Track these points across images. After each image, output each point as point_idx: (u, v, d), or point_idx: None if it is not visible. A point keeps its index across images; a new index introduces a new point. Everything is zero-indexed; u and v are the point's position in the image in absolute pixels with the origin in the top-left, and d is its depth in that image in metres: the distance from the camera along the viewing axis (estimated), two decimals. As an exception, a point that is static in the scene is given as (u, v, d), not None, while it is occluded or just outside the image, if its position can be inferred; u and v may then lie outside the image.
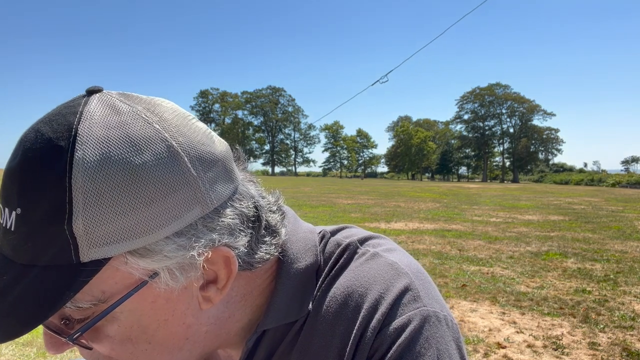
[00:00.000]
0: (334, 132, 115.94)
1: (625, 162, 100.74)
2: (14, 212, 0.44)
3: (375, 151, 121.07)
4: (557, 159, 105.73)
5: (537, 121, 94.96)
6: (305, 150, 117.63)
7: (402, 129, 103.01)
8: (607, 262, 8.35)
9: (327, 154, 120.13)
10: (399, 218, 15.12)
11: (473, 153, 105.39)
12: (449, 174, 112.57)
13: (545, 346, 4.44)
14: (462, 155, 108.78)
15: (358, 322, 0.56)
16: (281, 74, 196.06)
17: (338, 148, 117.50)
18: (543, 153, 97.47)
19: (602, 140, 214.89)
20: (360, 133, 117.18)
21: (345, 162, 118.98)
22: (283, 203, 0.64)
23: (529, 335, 4.72)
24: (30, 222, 0.43)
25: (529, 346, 4.43)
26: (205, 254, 0.49)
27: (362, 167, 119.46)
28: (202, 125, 0.53)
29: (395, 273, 0.58)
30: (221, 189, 0.50)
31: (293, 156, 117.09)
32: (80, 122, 0.44)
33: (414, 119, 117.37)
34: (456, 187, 43.42)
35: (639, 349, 4.38)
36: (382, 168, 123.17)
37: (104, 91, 0.49)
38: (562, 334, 4.76)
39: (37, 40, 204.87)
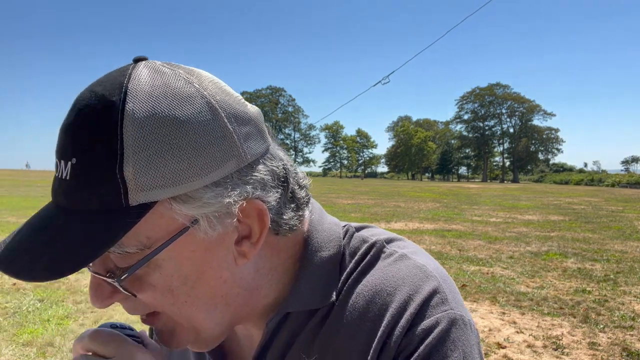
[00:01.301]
0: (334, 132, 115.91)
1: (625, 162, 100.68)
2: (69, 163, 0.48)
3: (375, 151, 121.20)
4: (557, 159, 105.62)
5: (537, 121, 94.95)
6: (305, 150, 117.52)
7: (402, 129, 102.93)
8: (607, 262, 8.35)
9: (327, 154, 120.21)
10: (399, 218, 15.12)
11: (473, 153, 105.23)
12: (449, 174, 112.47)
13: (545, 346, 4.44)
14: (462, 155, 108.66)
15: (386, 320, 0.57)
16: (281, 74, 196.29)
17: (338, 148, 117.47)
18: (543, 153, 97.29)
19: (602, 140, 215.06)
20: (360, 133, 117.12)
21: (345, 162, 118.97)
22: (309, 184, 0.66)
23: (529, 335, 4.72)
24: (84, 169, 0.47)
25: (529, 346, 4.43)
26: (241, 203, 0.52)
27: (362, 167, 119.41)
28: (235, 92, 0.57)
29: (424, 275, 0.59)
30: (254, 145, 0.55)
31: (293, 156, 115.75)
32: (130, 81, 0.49)
33: (414, 119, 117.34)
34: (456, 187, 43.43)
35: (639, 349, 4.38)
36: (382, 168, 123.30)
37: (149, 60, 0.54)
38: (562, 334, 4.76)
39: (34, 39, 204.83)
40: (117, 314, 4.85)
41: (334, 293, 0.61)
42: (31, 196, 21.45)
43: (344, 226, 0.69)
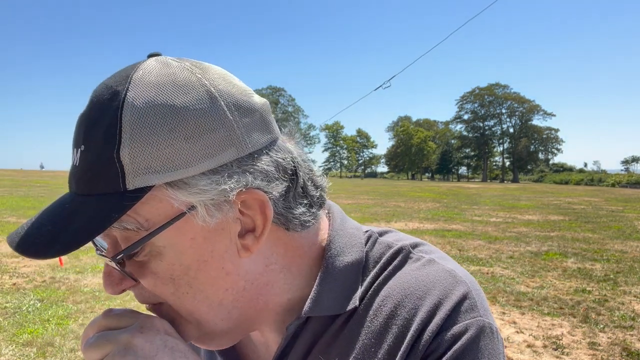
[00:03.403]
0: (334, 132, 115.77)
1: (625, 162, 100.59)
2: (79, 150, 0.52)
3: (375, 151, 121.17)
4: (557, 159, 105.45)
5: (537, 121, 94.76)
6: (305, 150, 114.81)
7: (402, 129, 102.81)
8: (607, 262, 8.35)
9: (327, 154, 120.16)
10: (399, 218, 15.13)
11: (473, 153, 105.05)
12: (449, 174, 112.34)
13: (545, 346, 4.44)
14: (462, 155, 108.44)
15: (415, 323, 0.57)
16: (282, 74, 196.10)
17: (338, 148, 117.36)
18: (543, 153, 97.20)
19: (602, 140, 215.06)
20: (360, 133, 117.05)
21: (345, 162, 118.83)
22: (328, 186, 0.66)
23: (529, 335, 4.72)
24: (89, 154, 0.50)
25: (529, 346, 4.43)
26: (238, 190, 0.52)
27: (362, 167, 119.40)
28: (243, 84, 0.59)
29: (454, 280, 0.59)
30: (257, 136, 0.55)
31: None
32: (136, 72, 0.52)
33: (414, 119, 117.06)
34: (456, 187, 43.43)
35: (639, 349, 4.38)
36: (382, 168, 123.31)
37: (162, 55, 0.57)
38: (562, 334, 4.77)
39: (46, 42, 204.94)
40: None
41: (357, 298, 0.61)
42: (31, 196, 21.45)
43: (366, 231, 0.68)
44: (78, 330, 4.75)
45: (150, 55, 0.56)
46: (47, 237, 0.50)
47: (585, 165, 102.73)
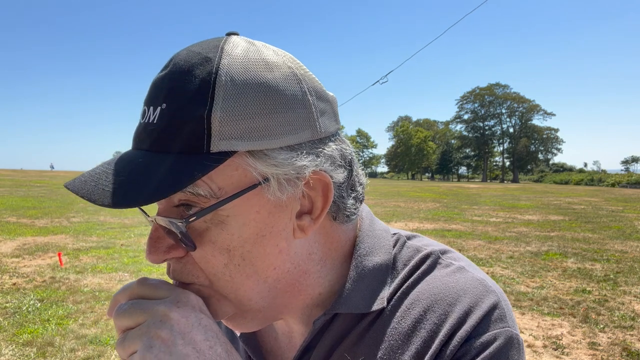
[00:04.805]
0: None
1: (625, 162, 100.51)
2: (159, 108, 0.51)
3: (375, 151, 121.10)
4: (557, 159, 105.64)
5: (537, 121, 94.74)
6: None
7: (402, 129, 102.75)
8: (607, 262, 8.35)
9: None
10: (399, 218, 15.12)
11: (473, 153, 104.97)
12: (449, 173, 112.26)
13: (545, 346, 4.44)
14: (462, 155, 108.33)
15: (445, 328, 0.57)
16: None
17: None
18: (543, 153, 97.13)
19: (602, 140, 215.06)
20: (360, 133, 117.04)
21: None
22: (366, 185, 0.67)
23: (529, 335, 4.72)
24: (174, 111, 0.50)
25: (529, 346, 4.43)
26: (311, 169, 0.54)
27: (362, 167, 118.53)
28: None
29: (485, 289, 0.60)
30: (328, 123, 0.57)
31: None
32: (226, 43, 0.54)
33: (414, 119, 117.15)
34: (456, 187, 43.42)
35: (639, 349, 4.38)
36: (382, 168, 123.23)
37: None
38: (562, 334, 4.77)
39: (31, 44, 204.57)
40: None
41: (385, 299, 0.61)
42: (31, 196, 21.45)
43: (394, 234, 0.69)
44: (78, 330, 4.75)
45: (229, 34, 0.57)
46: (123, 187, 0.50)
47: (585, 165, 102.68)
